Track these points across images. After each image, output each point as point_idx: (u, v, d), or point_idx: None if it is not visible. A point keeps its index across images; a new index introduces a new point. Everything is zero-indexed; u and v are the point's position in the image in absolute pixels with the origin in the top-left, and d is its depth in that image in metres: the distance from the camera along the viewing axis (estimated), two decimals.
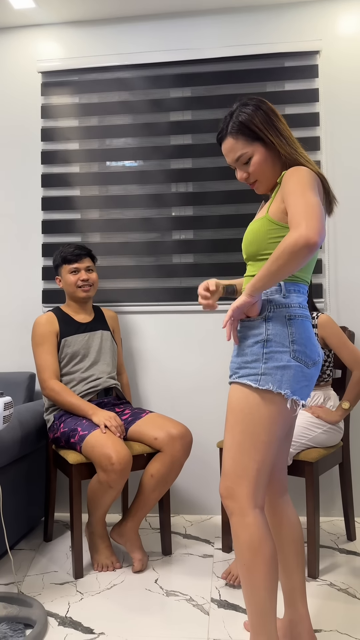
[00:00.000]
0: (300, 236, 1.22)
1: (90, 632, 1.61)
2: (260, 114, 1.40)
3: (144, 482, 2.02)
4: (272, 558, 1.33)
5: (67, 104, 2.74)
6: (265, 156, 1.41)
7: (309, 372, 1.36)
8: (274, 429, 1.34)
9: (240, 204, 2.63)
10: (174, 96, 2.69)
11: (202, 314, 2.64)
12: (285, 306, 1.38)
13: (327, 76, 2.60)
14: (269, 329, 1.37)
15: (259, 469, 1.34)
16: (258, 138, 1.41)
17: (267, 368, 1.34)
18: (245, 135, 1.41)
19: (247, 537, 1.33)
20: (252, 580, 1.32)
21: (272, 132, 1.40)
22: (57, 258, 2.35)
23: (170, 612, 1.71)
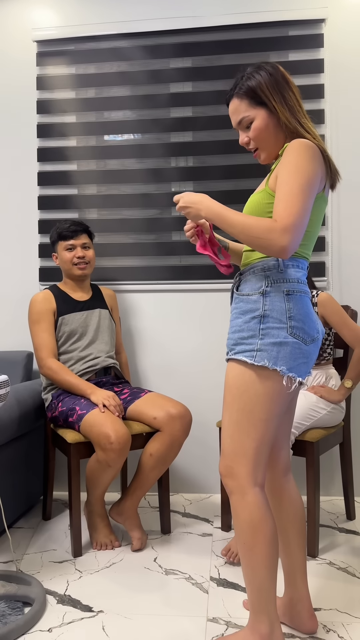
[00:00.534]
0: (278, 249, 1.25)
1: (89, 610, 1.61)
2: (269, 80, 1.37)
3: (143, 461, 2.01)
4: (272, 537, 1.32)
5: (63, 75, 2.65)
6: (266, 122, 1.38)
7: (307, 349, 1.33)
8: (271, 406, 1.33)
9: (242, 179, 2.57)
10: (174, 67, 2.61)
11: (202, 292, 2.60)
12: (283, 281, 1.35)
13: (332, 46, 2.51)
14: (266, 304, 1.34)
15: (257, 447, 1.33)
16: (262, 103, 1.38)
17: (263, 344, 1.31)
18: (250, 98, 1.38)
19: (247, 515, 1.32)
20: (252, 559, 1.32)
21: (276, 99, 1.37)
22: (53, 234, 2.30)
23: (169, 591, 1.71)
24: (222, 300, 2.59)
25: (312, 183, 1.28)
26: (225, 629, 1.50)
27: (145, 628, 1.51)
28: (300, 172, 1.27)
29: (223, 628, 1.51)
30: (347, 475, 2.22)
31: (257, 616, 1.33)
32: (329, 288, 2.53)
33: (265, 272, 1.36)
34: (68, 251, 2.26)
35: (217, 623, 1.53)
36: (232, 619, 1.55)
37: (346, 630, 1.49)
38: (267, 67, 1.39)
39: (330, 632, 1.48)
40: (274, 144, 1.41)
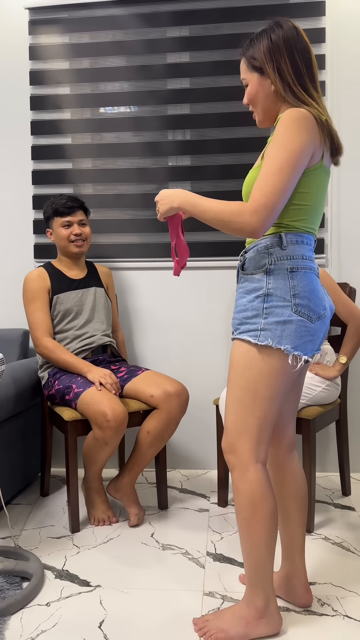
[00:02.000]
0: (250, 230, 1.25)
1: (87, 585, 1.63)
2: (267, 46, 1.33)
3: (140, 439, 2.01)
4: (272, 514, 1.33)
5: (56, 44, 2.57)
6: (256, 88, 1.37)
7: (313, 326, 1.31)
8: (274, 384, 1.32)
9: (242, 153, 2.52)
10: (171, 36, 2.53)
11: (200, 270, 2.57)
12: (287, 258, 1.33)
13: (334, 15, 2.43)
14: (269, 282, 1.32)
15: (260, 424, 1.33)
16: (256, 68, 1.36)
17: (267, 323, 1.31)
18: (248, 61, 1.38)
19: (249, 492, 1.33)
20: (252, 535, 1.33)
21: (269, 65, 1.33)
22: (47, 210, 2.25)
23: (166, 566, 1.73)
24: (221, 278, 2.56)
25: (297, 158, 1.25)
26: (222, 603, 1.52)
27: (142, 602, 1.53)
28: (283, 148, 1.25)
29: (219, 602, 1.53)
30: (342, 452, 2.23)
31: (253, 590, 1.35)
32: (327, 265, 2.51)
33: (269, 250, 1.34)
34: (64, 228, 2.22)
35: (214, 597, 1.55)
36: (228, 593, 1.57)
37: (340, 604, 1.51)
38: (273, 31, 1.34)
39: (325, 606, 1.50)
40: (269, 109, 1.38)
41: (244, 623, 1.35)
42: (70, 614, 1.48)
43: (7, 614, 1.47)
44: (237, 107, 2.51)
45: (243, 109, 2.50)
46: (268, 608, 1.35)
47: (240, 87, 2.49)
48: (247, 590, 1.37)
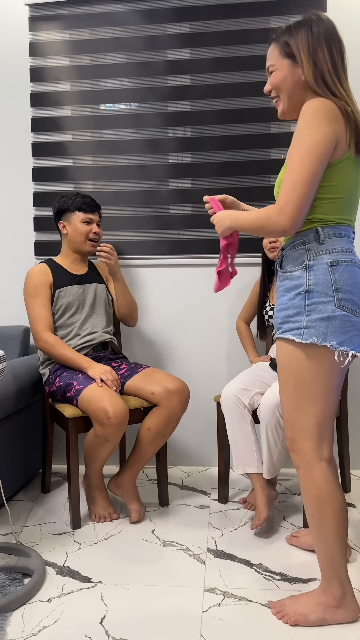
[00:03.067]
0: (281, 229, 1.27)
1: (88, 581, 1.63)
2: (306, 35, 1.33)
3: (141, 436, 2.01)
4: (341, 510, 1.34)
5: (56, 41, 2.56)
6: (285, 75, 1.36)
7: (358, 320, 1.30)
8: (327, 382, 1.30)
9: (241, 150, 2.51)
10: (171, 32, 2.52)
11: (199, 267, 2.57)
12: (326, 252, 1.31)
13: (336, 10, 2.43)
14: (310, 278, 1.30)
15: (318, 422, 1.33)
16: (290, 56, 1.35)
17: (310, 320, 1.29)
18: (281, 47, 1.37)
19: (315, 491, 1.33)
20: (321, 531, 1.34)
21: (306, 54, 1.32)
22: (66, 204, 2.24)
23: (167, 562, 1.73)
24: None
25: (318, 150, 1.24)
26: (222, 599, 1.53)
27: (143, 598, 1.54)
28: (302, 141, 1.25)
29: (220, 598, 1.54)
30: (342, 449, 2.24)
31: (329, 581, 1.38)
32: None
33: (306, 246, 1.33)
34: (85, 224, 2.23)
35: (214, 593, 1.56)
36: (228, 589, 1.58)
37: None
38: (314, 23, 1.34)
39: None
40: (293, 98, 1.37)
41: (323, 609, 1.37)
42: (72, 610, 1.49)
43: (8, 610, 1.47)
44: (238, 104, 2.51)
45: (244, 105, 2.50)
46: (345, 598, 1.37)
47: (240, 84, 2.48)
48: (323, 581, 1.39)
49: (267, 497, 1.90)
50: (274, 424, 1.87)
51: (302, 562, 1.72)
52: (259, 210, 1.32)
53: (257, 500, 1.89)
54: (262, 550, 1.80)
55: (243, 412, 1.97)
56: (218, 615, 1.46)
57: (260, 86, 2.47)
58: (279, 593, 1.55)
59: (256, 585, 1.59)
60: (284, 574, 1.65)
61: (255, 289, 2.34)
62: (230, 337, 2.58)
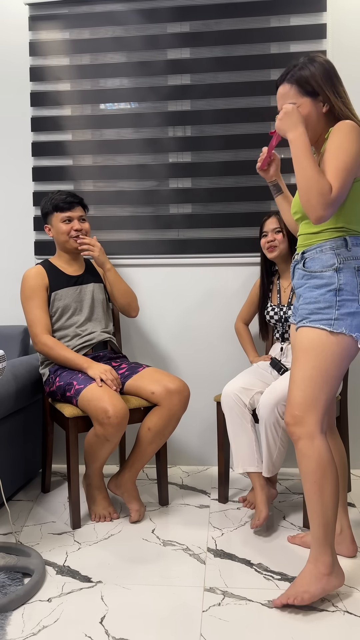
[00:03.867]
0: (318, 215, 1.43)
1: (88, 581, 1.63)
2: (322, 71, 1.51)
3: (141, 435, 2.01)
4: (337, 477, 1.51)
5: (56, 40, 2.56)
6: (309, 110, 1.53)
7: None
8: (343, 366, 1.52)
9: (242, 150, 2.51)
10: (171, 32, 2.52)
11: (200, 267, 2.57)
12: (353, 259, 1.52)
13: (336, 10, 2.43)
14: (340, 279, 1.51)
15: (327, 399, 1.52)
16: (310, 93, 1.52)
17: (340, 314, 1.50)
18: (300, 87, 1.52)
19: (317, 457, 1.50)
20: (323, 496, 1.49)
21: (329, 90, 1.51)
22: (46, 205, 2.25)
23: (167, 562, 1.73)
24: (220, 275, 2.56)
25: (355, 162, 1.42)
26: (222, 599, 1.53)
27: (143, 598, 1.54)
28: (344, 151, 1.42)
29: (220, 598, 1.53)
30: None
31: (322, 549, 1.50)
32: None
33: (335, 251, 1.52)
34: (65, 223, 2.22)
35: (214, 593, 1.56)
36: (228, 588, 1.58)
37: (340, 600, 1.51)
38: (320, 59, 1.53)
39: (325, 602, 1.51)
40: (314, 129, 1.55)
41: (319, 580, 1.49)
42: (72, 610, 1.49)
43: (8, 610, 1.47)
44: (238, 103, 2.51)
45: (244, 105, 2.50)
46: (334, 565, 1.50)
47: (240, 83, 2.48)
48: (314, 551, 1.50)
49: (267, 496, 1.90)
50: (272, 423, 1.87)
51: (302, 561, 1.72)
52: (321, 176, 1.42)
53: (256, 499, 1.89)
54: (262, 549, 1.80)
55: (243, 412, 1.97)
56: (218, 615, 1.46)
57: (260, 85, 2.47)
58: (278, 593, 1.55)
59: (256, 585, 1.59)
60: (284, 573, 1.65)
61: (254, 289, 2.34)
62: (231, 337, 2.58)
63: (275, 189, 1.78)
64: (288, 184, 2.46)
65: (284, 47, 2.47)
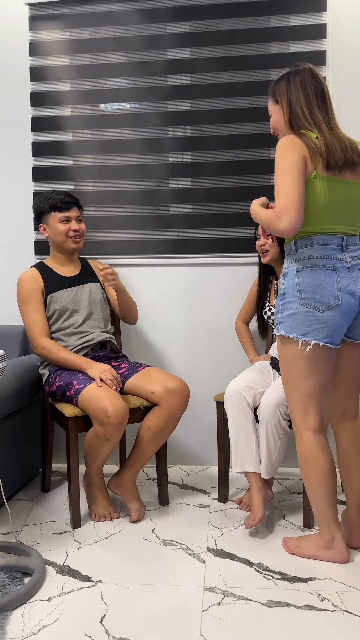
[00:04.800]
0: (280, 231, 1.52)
1: (88, 580, 1.63)
2: (284, 85, 1.64)
3: (141, 435, 2.02)
4: (324, 471, 1.63)
5: (57, 40, 2.56)
6: (278, 118, 1.67)
7: (322, 315, 1.54)
8: (301, 365, 1.58)
9: (241, 150, 2.52)
10: (171, 32, 2.52)
11: (200, 267, 2.57)
12: (296, 260, 1.59)
13: (335, 10, 2.43)
14: (284, 283, 1.61)
15: (302, 399, 1.62)
16: (277, 101, 1.67)
17: (282, 317, 1.60)
18: (272, 96, 1.70)
19: (301, 453, 1.65)
20: (309, 487, 1.66)
21: (284, 101, 1.64)
22: (42, 205, 2.23)
23: (167, 561, 1.73)
24: (220, 275, 2.56)
25: (292, 167, 1.51)
26: (222, 598, 1.53)
27: (143, 597, 1.54)
28: (279, 167, 1.54)
29: (220, 597, 1.54)
30: None
31: (320, 527, 1.69)
32: None
33: (287, 256, 1.64)
34: (62, 223, 2.21)
35: (214, 592, 1.56)
36: (228, 588, 1.58)
37: (340, 599, 1.52)
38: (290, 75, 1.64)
39: (325, 601, 1.51)
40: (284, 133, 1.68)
41: (316, 547, 1.70)
42: (72, 609, 1.49)
43: (8, 609, 1.48)
44: (238, 103, 2.51)
45: (244, 105, 2.50)
46: (334, 542, 1.67)
47: (240, 83, 2.48)
48: (319, 527, 1.70)
49: (263, 497, 1.90)
50: (274, 423, 1.87)
51: (302, 561, 1.72)
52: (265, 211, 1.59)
53: (253, 500, 1.89)
54: (262, 549, 1.80)
55: (246, 411, 1.97)
56: (218, 615, 1.46)
57: (260, 85, 2.47)
58: (278, 592, 1.55)
59: (256, 585, 1.60)
60: (284, 573, 1.66)
61: (253, 288, 2.34)
62: (230, 337, 2.58)
63: None
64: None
65: (284, 47, 2.48)
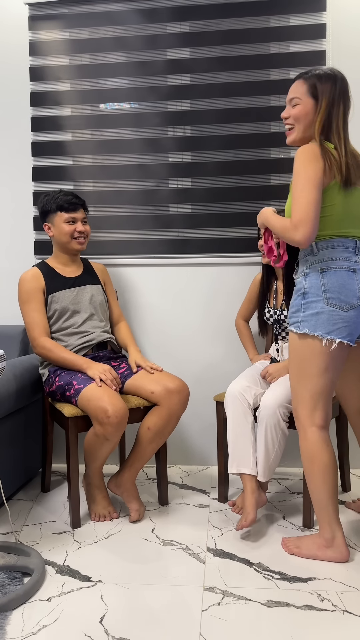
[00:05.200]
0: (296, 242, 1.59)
1: (88, 580, 1.63)
2: (331, 87, 1.64)
3: (141, 435, 2.02)
4: (327, 467, 1.66)
5: (56, 40, 2.56)
6: (308, 110, 1.66)
7: (346, 314, 1.61)
8: (317, 362, 1.63)
9: (241, 150, 2.52)
10: (171, 31, 2.52)
11: (200, 266, 2.57)
12: (318, 262, 1.65)
13: (336, 10, 2.43)
14: (306, 283, 1.66)
15: (311, 395, 1.66)
16: (314, 96, 1.65)
17: (305, 316, 1.64)
18: (310, 87, 1.66)
19: (305, 449, 1.68)
20: (311, 482, 1.69)
21: (323, 106, 1.64)
22: (49, 204, 2.23)
23: (167, 561, 1.73)
24: (220, 275, 2.56)
25: (312, 181, 1.56)
26: (222, 598, 1.53)
27: (143, 597, 1.54)
28: (299, 177, 1.58)
29: (220, 597, 1.54)
30: (342, 448, 2.24)
31: (321, 524, 1.70)
32: None
33: (305, 258, 1.69)
34: (68, 224, 2.21)
35: (214, 592, 1.56)
36: (228, 588, 1.58)
37: (340, 599, 1.52)
38: (338, 77, 1.65)
39: (325, 601, 1.51)
40: (306, 132, 1.69)
41: (315, 547, 1.71)
42: (71, 609, 1.49)
43: (8, 609, 1.48)
44: (238, 103, 2.51)
45: (244, 105, 2.50)
46: (334, 540, 1.68)
47: (240, 83, 2.48)
48: (319, 525, 1.71)
49: (256, 499, 1.89)
50: (274, 424, 1.87)
51: (302, 561, 1.72)
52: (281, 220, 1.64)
53: (245, 502, 1.88)
54: (261, 549, 1.80)
55: (246, 412, 1.97)
56: (217, 615, 1.46)
57: (260, 85, 2.47)
58: (278, 592, 1.55)
59: (256, 585, 1.60)
60: (284, 573, 1.66)
61: (252, 286, 2.33)
62: (230, 337, 2.58)
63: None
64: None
65: (284, 47, 2.47)
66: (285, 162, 2.48)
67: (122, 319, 2.40)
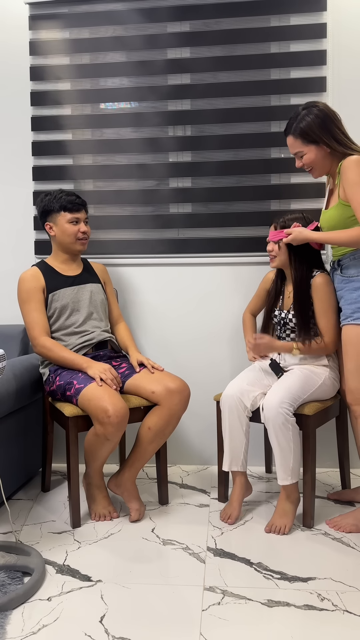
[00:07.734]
0: None
1: (88, 580, 1.63)
2: (318, 122, 1.82)
3: (141, 435, 2.02)
4: None
5: (57, 40, 2.56)
6: (315, 155, 1.87)
7: None
8: None
9: (241, 149, 2.51)
10: (171, 31, 2.52)
11: (200, 266, 2.57)
12: None
13: (335, 9, 2.43)
14: None
15: None
16: (313, 141, 1.85)
17: None
18: (303, 138, 1.86)
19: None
20: None
21: (325, 137, 1.83)
22: (51, 204, 2.23)
23: (167, 561, 1.73)
24: (220, 274, 2.56)
25: None
26: (222, 598, 1.53)
27: (143, 597, 1.54)
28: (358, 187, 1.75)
29: (220, 597, 1.54)
30: (342, 448, 2.24)
31: None
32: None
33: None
34: (71, 224, 2.21)
35: (214, 592, 1.56)
36: (228, 587, 1.58)
37: (340, 599, 1.52)
38: (315, 109, 1.83)
39: (325, 601, 1.51)
40: (325, 166, 1.90)
41: None
42: (72, 609, 1.49)
43: (8, 609, 1.48)
44: (238, 102, 2.51)
45: (244, 104, 2.50)
46: None
47: (240, 83, 2.48)
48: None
49: (243, 495, 1.99)
50: (281, 422, 1.86)
51: (302, 561, 1.72)
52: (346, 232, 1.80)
53: (232, 497, 1.97)
54: (261, 549, 1.80)
55: (241, 415, 1.98)
56: (218, 614, 1.46)
57: (260, 85, 2.47)
58: (278, 592, 1.56)
59: (256, 584, 1.60)
60: (284, 572, 1.66)
61: (263, 283, 2.28)
62: (231, 336, 2.58)
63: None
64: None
65: (284, 47, 2.47)
66: (285, 162, 2.48)
67: (122, 319, 2.40)
